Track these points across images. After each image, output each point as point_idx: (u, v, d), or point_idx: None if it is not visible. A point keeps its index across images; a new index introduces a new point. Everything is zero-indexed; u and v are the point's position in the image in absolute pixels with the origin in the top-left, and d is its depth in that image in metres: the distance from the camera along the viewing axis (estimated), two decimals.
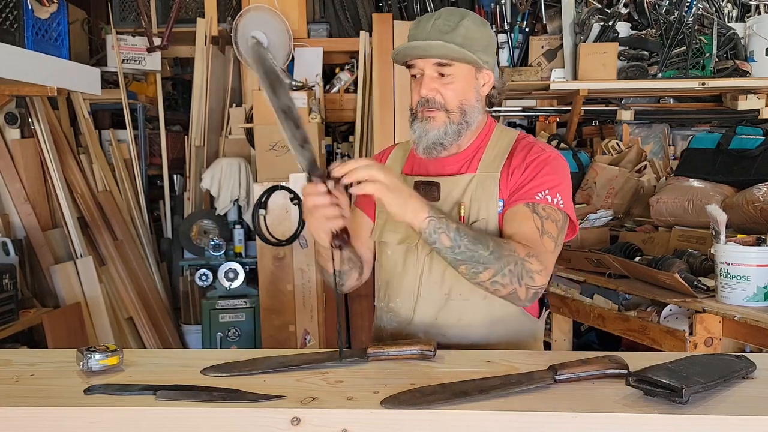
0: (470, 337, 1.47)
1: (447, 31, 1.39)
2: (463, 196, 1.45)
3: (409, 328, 1.49)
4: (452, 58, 1.40)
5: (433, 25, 1.40)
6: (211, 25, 4.14)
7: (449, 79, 1.41)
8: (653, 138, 4.17)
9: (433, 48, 1.39)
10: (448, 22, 1.40)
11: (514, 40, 4.14)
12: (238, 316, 3.80)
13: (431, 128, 1.43)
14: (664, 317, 2.30)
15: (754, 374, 1.14)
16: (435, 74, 1.41)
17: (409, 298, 1.49)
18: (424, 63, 1.41)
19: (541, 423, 0.99)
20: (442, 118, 1.42)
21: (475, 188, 1.45)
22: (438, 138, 1.43)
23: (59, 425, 1.06)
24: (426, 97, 1.42)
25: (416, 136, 1.45)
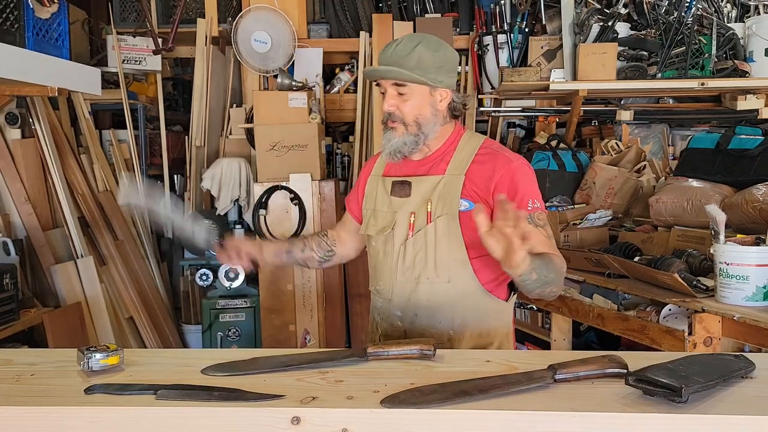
0: (436, 316, 1.71)
1: (403, 55, 1.63)
2: (432, 194, 1.70)
3: (390, 306, 1.75)
4: (403, 80, 1.65)
5: (393, 51, 1.65)
6: (211, 26, 4.14)
7: (405, 97, 1.66)
8: (652, 138, 4.17)
9: (388, 72, 1.64)
10: (405, 48, 1.64)
11: (514, 41, 4.14)
12: (238, 316, 3.80)
13: (392, 137, 1.69)
14: (664, 317, 2.30)
15: (753, 374, 1.15)
16: (395, 92, 1.67)
17: (389, 281, 1.74)
18: (385, 83, 1.67)
19: (541, 422, 1.00)
20: (401, 130, 1.68)
21: (442, 188, 1.70)
22: (397, 146, 1.69)
23: (60, 425, 1.06)
24: (388, 112, 1.68)
25: (383, 144, 1.72)
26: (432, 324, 1.71)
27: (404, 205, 1.72)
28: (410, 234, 1.69)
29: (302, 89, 3.76)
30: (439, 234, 1.67)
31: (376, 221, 1.78)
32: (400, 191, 1.74)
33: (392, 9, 4.38)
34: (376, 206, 1.79)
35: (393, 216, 1.74)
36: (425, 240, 1.68)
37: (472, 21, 4.38)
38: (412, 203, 1.71)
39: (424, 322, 1.71)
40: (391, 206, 1.75)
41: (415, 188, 1.72)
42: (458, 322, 1.70)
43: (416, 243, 1.69)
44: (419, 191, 1.71)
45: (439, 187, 1.69)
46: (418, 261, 1.69)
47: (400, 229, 1.72)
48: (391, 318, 1.75)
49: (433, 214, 1.68)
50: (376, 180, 1.82)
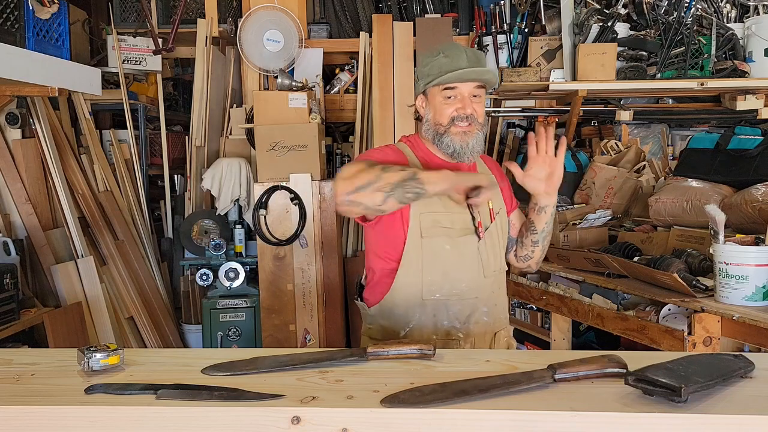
0: (504, 301, 1.87)
1: (477, 60, 1.72)
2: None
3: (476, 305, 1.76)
4: (491, 83, 1.75)
5: (472, 55, 1.72)
6: (211, 26, 4.14)
7: (480, 99, 1.74)
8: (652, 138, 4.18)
9: (484, 73, 1.71)
10: (474, 54, 1.73)
11: (514, 41, 4.14)
12: (238, 316, 3.80)
13: (470, 139, 1.72)
14: (663, 317, 2.30)
15: (752, 373, 1.15)
16: (472, 94, 1.71)
17: (474, 281, 1.75)
18: (466, 86, 1.70)
19: (541, 422, 1.00)
20: (476, 130, 1.73)
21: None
22: (475, 146, 1.73)
23: (60, 425, 1.07)
24: (467, 114, 1.70)
25: (456, 147, 1.71)
26: (502, 309, 1.85)
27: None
28: (481, 231, 1.75)
29: (302, 89, 3.76)
30: (503, 227, 1.83)
31: (450, 222, 1.72)
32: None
33: (392, 9, 4.38)
34: (445, 208, 1.71)
35: (468, 216, 1.75)
36: (497, 233, 1.80)
37: (472, 21, 4.38)
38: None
39: (499, 310, 1.83)
40: (462, 206, 1.72)
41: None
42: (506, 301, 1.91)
43: (491, 238, 1.78)
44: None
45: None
46: (497, 255, 1.80)
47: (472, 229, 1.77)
48: (477, 316, 1.76)
49: (494, 211, 1.79)
50: None
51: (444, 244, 1.72)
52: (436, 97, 1.73)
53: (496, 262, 1.81)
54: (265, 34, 3.97)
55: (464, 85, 1.70)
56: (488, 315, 1.78)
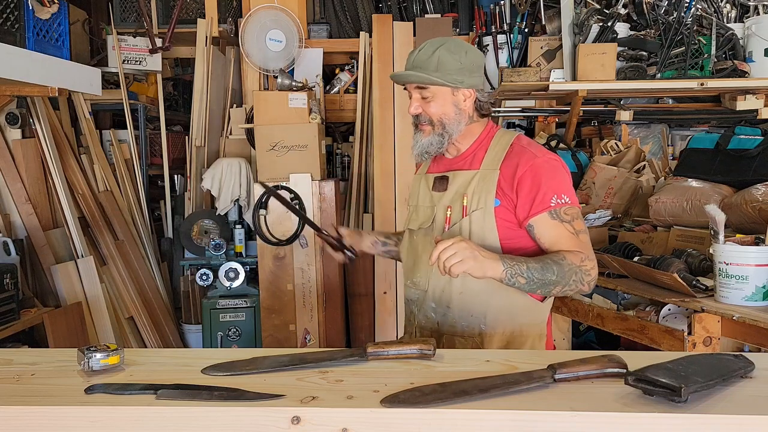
0: (468, 309, 1.74)
1: (424, 59, 1.72)
2: (467, 188, 1.74)
3: (425, 298, 1.80)
4: (424, 82, 1.73)
5: (415, 57, 1.74)
6: (211, 26, 4.14)
7: (429, 99, 1.75)
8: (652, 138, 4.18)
9: (409, 76, 1.74)
10: (426, 53, 1.73)
11: (514, 41, 4.14)
12: (238, 316, 3.80)
13: (421, 138, 1.78)
14: (663, 317, 2.30)
15: (752, 373, 1.15)
16: (419, 95, 1.75)
17: (425, 273, 1.79)
18: (410, 87, 1.77)
19: (541, 422, 1.00)
20: (428, 130, 1.76)
21: (477, 182, 1.74)
22: (424, 146, 1.77)
23: (60, 425, 1.07)
24: (414, 114, 1.77)
25: (412, 145, 1.80)
26: (463, 317, 1.74)
27: (442, 199, 1.79)
28: (446, 227, 1.75)
29: (302, 89, 3.76)
30: (474, 228, 1.70)
31: (417, 216, 1.86)
32: (439, 186, 1.81)
33: (392, 9, 4.38)
34: (419, 202, 1.87)
35: (432, 210, 1.80)
36: (467, 233, 1.71)
37: (472, 21, 4.38)
38: (448, 197, 1.77)
39: (456, 315, 1.75)
40: (431, 201, 1.82)
41: (452, 182, 1.79)
42: (490, 318, 1.73)
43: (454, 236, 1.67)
44: (455, 185, 1.77)
45: (474, 182, 1.74)
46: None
47: (438, 223, 1.78)
48: (426, 310, 1.80)
49: (468, 208, 1.72)
50: (420, 178, 1.91)
51: (412, 235, 1.87)
52: None
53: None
54: (267, 34, 3.98)
55: (409, 86, 1.77)
56: (436, 313, 1.77)
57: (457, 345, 1.74)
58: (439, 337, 1.77)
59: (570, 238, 1.66)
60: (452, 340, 1.75)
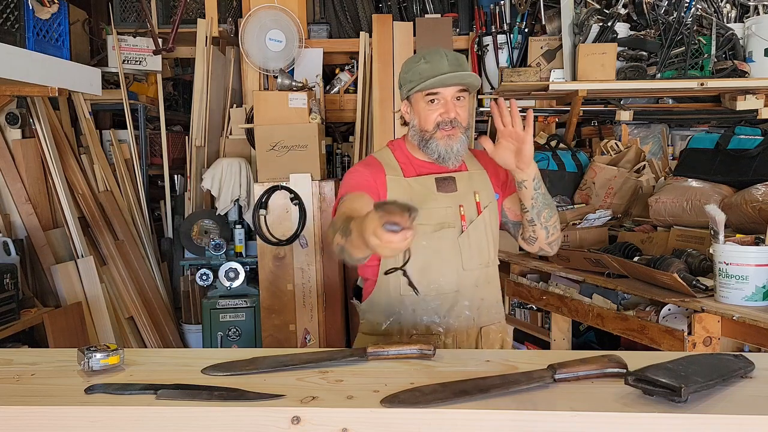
0: (494, 295, 1.86)
1: (459, 64, 1.73)
2: (475, 186, 1.82)
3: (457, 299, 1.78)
4: (474, 86, 1.77)
5: (452, 59, 1.73)
6: (211, 26, 4.14)
7: (464, 102, 1.76)
8: (652, 138, 4.18)
9: (464, 77, 1.72)
10: (457, 57, 1.74)
11: (514, 41, 4.14)
12: (238, 316, 3.80)
13: (454, 143, 1.75)
14: (663, 317, 2.30)
15: (752, 373, 1.15)
16: (455, 99, 1.74)
17: (453, 275, 1.77)
18: (448, 91, 1.73)
19: (541, 422, 1.00)
20: (459, 134, 1.76)
21: (478, 181, 1.84)
22: (459, 150, 1.77)
23: (60, 425, 1.07)
24: (450, 118, 1.73)
25: (441, 151, 1.75)
26: (492, 305, 1.84)
27: (454, 199, 1.79)
28: (464, 225, 1.78)
29: (302, 89, 3.76)
30: (489, 220, 1.82)
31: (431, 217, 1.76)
32: (446, 187, 1.80)
33: (392, 9, 4.38)
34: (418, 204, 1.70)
35: (446, 211, 1.78)
36: (484, 228, 1.80)
37: (472, 21, 4.38)
38: (461, 196, 1.79)
39: (487, 305, 1.83)
40: (441, 202, 1.79)
41: (459, 182, 1.81)
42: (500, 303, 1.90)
43: (475, 232, 1.79)
44: (463, 185, 1.81)
45: (476, 181, 1.83)
46: (482, 248, 1.80)
47: (456, 222, 1.79)
48: (459, 310, 1.78)
49: (481, 204, 1.80)
50: (404, 181, 1.79)
51: (420, 240, 1.73)
52: (419, 102, 1.76)
53: (482, 256, 1.81)
54: (267, 34, 3.98)
55: (446, 89, 1.73)
56: (470, 309, 1.79)
57: (491, 335, 1.83)
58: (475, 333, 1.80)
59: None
60: (488, 331, 1.82)
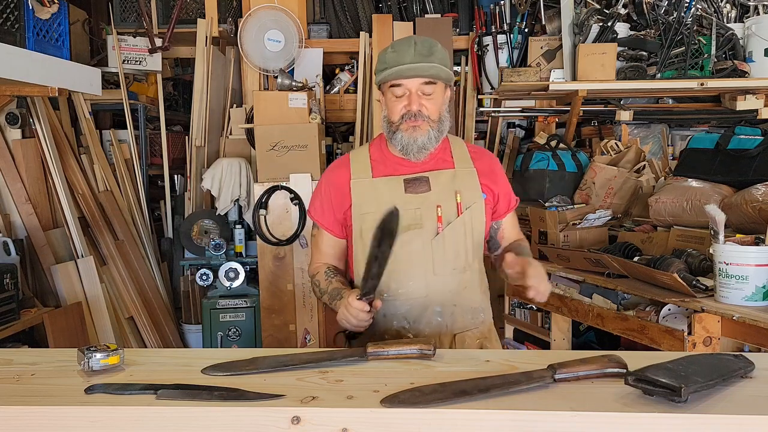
0: (474, 300, 1.77)
1: (427, 54, 1.64)
2: (455, 185, 1.73)
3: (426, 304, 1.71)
4: (440, 77, 1.67)
5: (416, 51, 1.64)
6: (211, 26, 4.14)
7: (432, 95, 1.68)
8: (652, 138, 4.18)
9: (426, 69, 1.64)
10: (424, 47, 1.65)
11: (514, 41, 4.14)
12: (238, 316, 3.80)
13: (418, 135, 1.68)
14: (663, 317, 2.30)
15: (752, 373, 1.15)
16: (420, 91, 1.66)
17: (422, 279, 1.71)
18: (411, 82, 1.65)
19: (541, 422, 1.00)
20: (425, 127, 1.68)
21: (461, 180, 1.75)
22: (423, 143, 1.69)
23: (60, 425, 1.07)
24: (415, 111, 1.66)
25: (404, 143, 1.69)
26: (468, 310, 1.76)
27: (426, 200, 1.71)
28: (440, 227, 1.70)
29: (302, 89, 3.76)
30: (472, 222, 1.73)
31: None
32: (417, 187, 1.72)
33: (392, 9, 4.38)
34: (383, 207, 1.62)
35: (415, 212, 1.70)
36: (463, 229, 1.72)
37: (472, 21, 4.38)
38: (436, 196, 1.71)
39: (463, 311, 1.75)
40: (409, 203, 1.70)
41: (434, 182, 1.73)
42: (485, 305, 1.82)
43: (452, 234, 1.71)
44: (439, 184, 1.73)
45: (458, 180, 1.74)
46: (458, 252, 1.72)
47: (430, 224, 1.70)
48: (430, 316, 1.72)
49: (462, 205, 1.72)
50: (368, 183, 1.75)
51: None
52: (386, 93, 1.71)
53: (458, 260, 1.73)
54: (266, 34, 3.97)
55: (410, 81, 1.65)
56: (442, 315, 1.72)
57: (467, 341, 1.75)
58: (448, 340, 1.73)
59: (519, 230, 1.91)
60: (463, 337, 1.75)
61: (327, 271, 1.81)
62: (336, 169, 1.83)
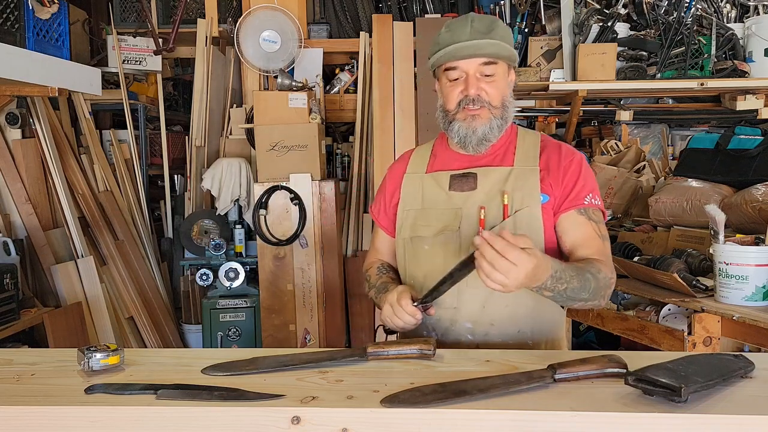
0: (517, 324, 1.50)
1: (485, 32, 1.45)
2: (505, 185, 1.50)
3: (456, 318, 1.50)
4: (501, 56, 1.47)
5: (472, 28, 1.45)
6: (211, 26, 4.14)
7: (492, 77, 1.47)
8: (652, 138, 4.18)
9: (486, 47, 1.44)
10: (484, 24, 1.46)
11: (514, 41, 4.14)
12: (238, 316, 3.80)
13: (478, 125, 1.48)
14: (663, 317, 2.30)
15: (752, 373, 1.15)
16: (479, 74, 1.47)
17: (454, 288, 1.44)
18: (468, 64, 1.46)
19: (541, 422, 1.00)
20: (486, 115, 1.48)
21: (515, 180, 1.51)
22: (485, 133, 1.49)
23: (60, 425, 1.07)
24: (473, 96, 1.47)
25: (462, 135, 1.50)
26: (510, 334, 1.50)
27: (469, 199, 1.51)
28: (482, 231, 1.44)
29: (302, 89, 3.76)
30: (521, 229, 1.45)
31: (428, 221, 1.54)
32: (462, 184, 1.53)
33: (392, 9, 4.38)
34: (425, 204, 1.56)
35: (455, 212, 1.51)
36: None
37: None
38: (481, 196, 1.50)
39: (500, 332, 1.49)
40: (450, 202, 1.52)
41: (483, 180, 1.52)
42: (536, 330, 1.53)
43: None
44: (488, 182, 1.51)
45: (512, 178, 1.50)
46: None
47: (468, 227, 1.49)
48: (458, 332, 1.50)
49: (510, 208, 1.48)
50: (419, 178, 1.60)
51: (423, 243, 1.54)
52: (442, 78, 1.52)
53: None
54: (261, 35, 3.97)
55: (466, 62, 1.45)
56: (473, 333, 1.49)
57: None
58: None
59: (596, 241, 1.49)
60: None
61: (380, 267, 1.67)
62: (396, 163, 1.71)
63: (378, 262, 1.69)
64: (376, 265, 1.68)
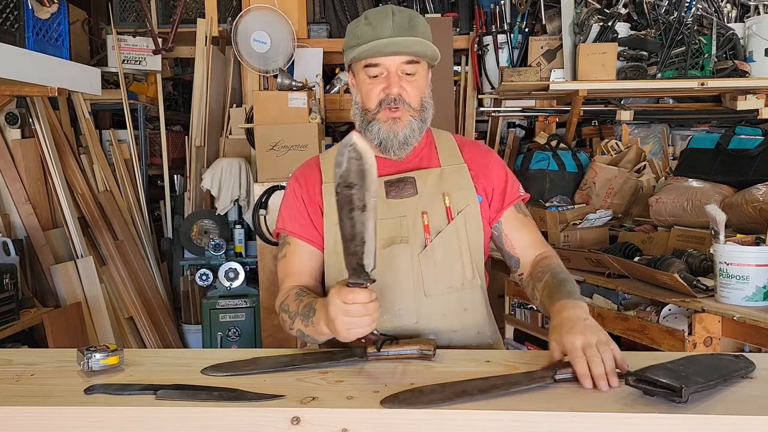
0: (477, 324, 1.48)
1: (408, 27, 1.36)
2: (444, 186, 1.45)
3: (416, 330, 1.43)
4: (426, 55, 1.39)
5: (394, 22, 1.36)
6: (211, 26, 4.14)
7: (414, 76, 1.40)
8: (652, 138, 4.17)
9: (411, 44, 1.36)
10: (404, 18, 1.37)
11: (514, 41, 4.14)
12: (238, 316, 3.80)
13: (399, 128, 1.40)
14: (664, 317, 2.30)
15: (753, 374, 1.15)
16: (401, 72, 1.39)
17: (412, 301, 1.42)
18: (391, 61, 1.38)
19: (541, 422, 1.00)
20: (406, 117, 1.41)
21: (449, 179, 1.46)
22: (406, 137, 1.41)
23: (60, 425, 1.06)
24: (395, 96, 1.39)
25: (383, 137, 1.41)
26: (470, 336, 1.46)
27: (413, 206, 1.43)
28: (428, 237, 1.41)
29: (302, 89, 3.76)
30: (470, 230, 1.43)
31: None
32: (400, 191, 1.44)
33: None
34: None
35: (400, 221, 1.42)
36: (456, 239, 1.43)
37: (472, 21, 4.38)
38: (422, 201, 1.43)
39: (462, 337, 1.45)
40: (392, 211, 1.43)
41: (422, 184, 1.45)
42: (492, 329, 1.51)
43: (443, 246, 1.42)
44: (427, 186, 1.45)
45: (446, 179, 1.46)
46: (453, 266, 1.43)
47: (417, 235, 1.42)
48: None
49: (452, 209, 1.43)
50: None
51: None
52: (359, 74, 1.42)
53: (453, 277, 1.43)
54: (251, 36, 3.97)
55: (388, 59, 1.36)
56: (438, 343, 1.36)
57: None
58: None
59: (537, 236, 1.50)
60: None
61: (298, 293, 1.44)
62: (304, 172, 1.53)
63: (294, 290, 1.45)
64: (292, 293, 1.44)
